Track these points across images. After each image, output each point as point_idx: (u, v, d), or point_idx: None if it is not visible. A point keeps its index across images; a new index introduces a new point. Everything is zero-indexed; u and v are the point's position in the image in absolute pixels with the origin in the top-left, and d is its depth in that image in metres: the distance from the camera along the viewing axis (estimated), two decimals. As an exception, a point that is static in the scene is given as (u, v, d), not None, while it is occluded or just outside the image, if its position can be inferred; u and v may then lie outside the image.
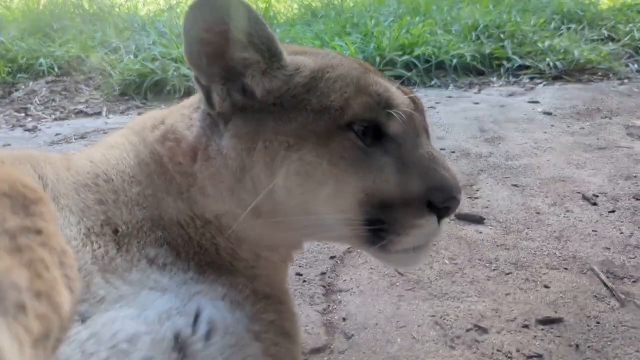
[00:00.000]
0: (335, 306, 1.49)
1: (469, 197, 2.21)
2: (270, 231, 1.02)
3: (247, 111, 1.02)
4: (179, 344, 0.79)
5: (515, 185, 2.32)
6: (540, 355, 1.26)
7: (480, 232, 1.90)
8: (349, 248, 1.82)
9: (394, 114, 1.00)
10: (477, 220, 1.99)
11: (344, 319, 1.42)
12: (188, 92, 4.48)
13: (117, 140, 1.08)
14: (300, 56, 1.07)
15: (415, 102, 1.09)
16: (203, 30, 0.95)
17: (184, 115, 1.08)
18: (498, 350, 1.28)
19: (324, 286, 1.59)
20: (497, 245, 1.80)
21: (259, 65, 1.00)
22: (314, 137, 0.98)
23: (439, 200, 0.97)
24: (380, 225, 0.97)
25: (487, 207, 2.10)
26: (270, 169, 0.97)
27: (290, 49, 1.08)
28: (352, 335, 1.35)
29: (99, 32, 5.76)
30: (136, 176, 0.99)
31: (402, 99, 1.05)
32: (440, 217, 0.99)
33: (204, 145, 1.02)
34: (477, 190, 2.28)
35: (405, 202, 0.97)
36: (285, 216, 0.98)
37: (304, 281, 1.61)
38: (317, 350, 1.30)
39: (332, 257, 1.75)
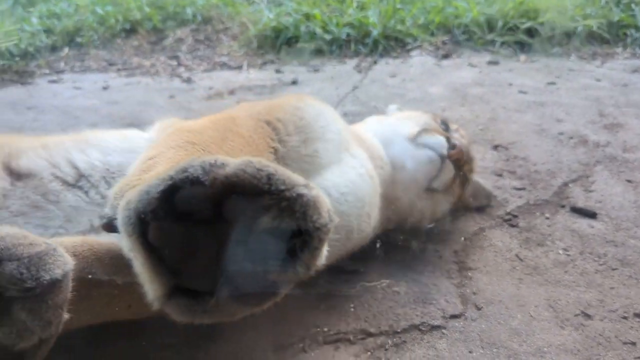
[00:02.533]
0: (466, 281, 1.89)
1: (584, 190, 2.49)
2: None
3: None
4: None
5: (629, 181, 2.55)
6: (633, 343, 1.61)
7: (592, 227, 2.20)
8: (475, 230, 2.20)
9: None
10: (590, 214, 2.28)
11: (474, 293, 1.83)
12: (317, 51, 4.87)
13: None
14: None
15: None
16: None
17: None
18: (600, 335, 1.64)
19: (456, 263, 2.00)
20: (607, 241, 2.11)
21: None
22: None
23: None
24: None
25: (600, 202, 2.38)
26: None
27: None
28: (482, 307, 1.76)
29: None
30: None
31: None
32: None
33: None
34: (593, 183, 2.54)
35: None
36: None
37: (440, 257, 2.03)
38: (455, 316, 1.72)
39: (463, 238, 2.14)
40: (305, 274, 0.76)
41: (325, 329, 1.64)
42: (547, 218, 2.28)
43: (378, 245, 1.99)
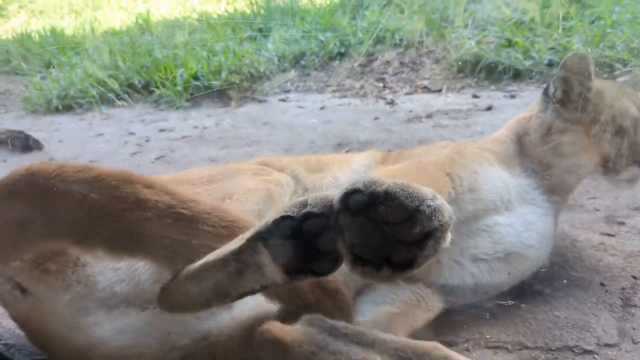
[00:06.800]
0: (628, 317, 2.06)
1: None
2: None
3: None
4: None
5: None
6: None
7: None
8: (649, 271, 2.32)
9: None
10: None
11: (634, 329, 2.00)
12: (516, 75, 5.04)
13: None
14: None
15: None
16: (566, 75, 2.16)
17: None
18: None
19: (622, 299, 2.16)
20: None
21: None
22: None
23: None
24: None
25: None
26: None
27: None
28: (639, 342, 1.93)
29: (442, 5, 6.60)
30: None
31: None
32: None
33: (535, 114, 2.27)
34: None
35: None
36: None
37: (606, 291, 2.21)
38: (609, 345, 1.92)
39: (633, 277, 2.28)
40: (432, 255, 1.15)
41: (488, 336, 1.99)
42: None
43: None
